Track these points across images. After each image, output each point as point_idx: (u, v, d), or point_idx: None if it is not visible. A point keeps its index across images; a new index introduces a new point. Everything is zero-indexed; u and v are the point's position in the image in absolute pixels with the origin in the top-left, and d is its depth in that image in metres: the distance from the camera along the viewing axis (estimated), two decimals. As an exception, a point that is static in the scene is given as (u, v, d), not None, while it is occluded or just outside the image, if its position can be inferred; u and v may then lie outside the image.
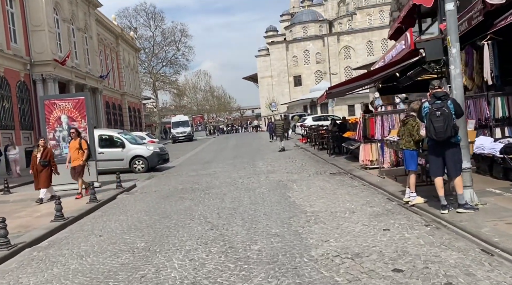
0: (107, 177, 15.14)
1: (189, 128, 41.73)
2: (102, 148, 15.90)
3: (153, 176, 14.94)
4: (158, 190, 11.06)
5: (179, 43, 68.21)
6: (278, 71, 78.73)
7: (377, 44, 73.07)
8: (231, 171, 13.62)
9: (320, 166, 12.80)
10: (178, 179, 13.00)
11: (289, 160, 15.50)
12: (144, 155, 16.03)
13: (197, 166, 16.58)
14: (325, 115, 30.29)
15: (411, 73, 13.74)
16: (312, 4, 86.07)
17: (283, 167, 13.44)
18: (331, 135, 14.73)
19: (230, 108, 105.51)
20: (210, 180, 11.86)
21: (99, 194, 10.54)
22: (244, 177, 11.68)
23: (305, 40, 77.09)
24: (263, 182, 10.39)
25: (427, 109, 5.57)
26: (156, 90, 68.09)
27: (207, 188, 10.32)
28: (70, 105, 12.18)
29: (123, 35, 43.30)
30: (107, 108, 36.09)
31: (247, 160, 16.88)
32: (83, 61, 29.52)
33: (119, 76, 41.80)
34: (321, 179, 10.17)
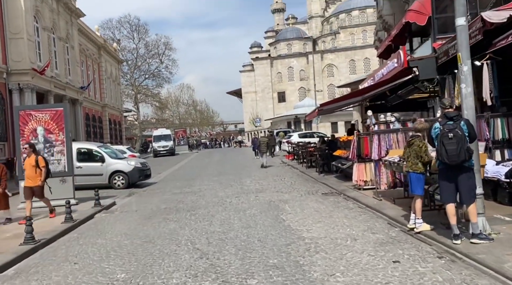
0: (84, 193, 14.29)
1: (171, 142, 40.86)
2: (80, 162, 15.08)
3: (133, 192, 14.17)
4: (140, 209, 10.35)
5: (163, 56, 67.68)
6: (262, 87, 78.86)
7: (360, 63, 74.25)
8: (218, 188, 13.00)
9: (311, 185, 12.32)
10: (161, 196, 12.29)
11: (278, 177, 14.99)
12: (125, 170, 15.25)
13: (181, 182, 15.88)
14: (311, 132, 30.04)
15: (402, 92, 13.55)
16: (296, 22, 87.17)
17: (272, 185, 12.91)
18: (320, 153, 14.32)
19: (213, 123, 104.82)
20: (196, 198, 11.21)
21: (75, 213, 9.77)
22: (232, 196, 11.08)
23: (290, 57, 77.69)
24: (253, 202, 9.82)
25: (438, 130, 5.18)
26: (137, 103, 66.99)
27: (193, 208, 9.67)
28: (47, 117, 11.42)
29: (105, 46, 42.51)
30: (87, 120, 35.02)
31: (233, 176, 16.28)
32: (63, 71, 28.59)
33: (101, 87, 40.83)
34: (313, 199, 9.68)
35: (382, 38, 31.43)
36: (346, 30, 75.21)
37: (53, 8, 27.45)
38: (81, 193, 14.25)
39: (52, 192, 11.27)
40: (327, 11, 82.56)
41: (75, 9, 31.13)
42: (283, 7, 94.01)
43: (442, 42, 11.08)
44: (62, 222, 8.89)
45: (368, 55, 73.57)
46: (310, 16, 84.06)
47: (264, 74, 78.63)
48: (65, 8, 29.49)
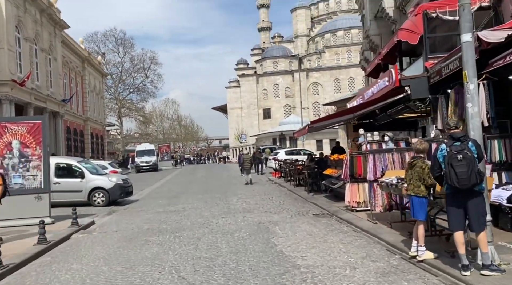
0: (62, 211, 13.55)
1: (154, 157, 40.01)
2: (59, 178, 14.35)
3: (114, 210, 13.48)
4: (120, 229, 9.71)
5: (148, 71, 67.24)
6: (248, 103, 78.84)
7: (344, 82, 75.10)
8: (203, 208, 12.45)
9: (300, 205, 11.89)
10: (143, 216, 11.66)
11: (265, 196, 14.53)
12: (105, 187, 14.56)
13: (164, 200, 15.25)
14: (297, 149, 29.77)
15: (392, 111, 13.38)
16: (282, 41, 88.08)
17: (260, 204, 12.43)
18: (309, 171, 13.95)
19: (197, 138, 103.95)
20: (180, 218, 10.63)
21: (50, 233, 9.08)
22: (218, 216, 10.55)
23: (275, 75, 78.12)
24: (241, 224, 9.31)
25: (444, 152, 4.86)
26: (121, 117, 66.05)
27: (177, 229, 9.10)
28: (24, 130, 10.77)
29: (90, 59, 41.83)
30: (68, 134, 34.04)
31: (219, 195, 15.74)
32: (44, 83, 27.79)
33: (83, 101, 39.96)
34: (305, 221, 9.23)
35: (368, 57, 31.74)
36: (331, 49, 76.27)
37: (37, 18, 26.83)
38: (58, 210, 13.51)
39: (26, 210, 10.59)
40: (313, 31, 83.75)
41: (59, 21, 30.54)
42: (269, 26, 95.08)
43: (434, 62, 10.98)
44: (35, 243, 8.22)
45: (352, 75, 74.61)
46: (296, 35, 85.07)
47: (250, 91, 78.76)
48: (48, 19, 28.88)
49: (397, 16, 21.64)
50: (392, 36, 14.74)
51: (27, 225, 10.38)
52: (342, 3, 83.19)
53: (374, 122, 15.05)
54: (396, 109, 12.79)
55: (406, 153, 8.45)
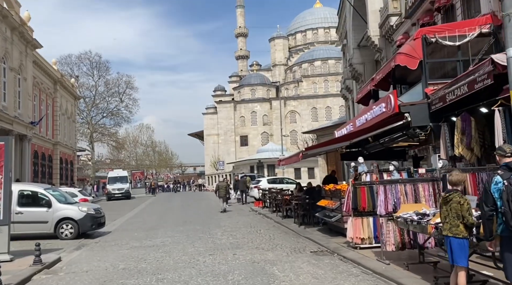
0: (23, 244, 12.01)
1: (127, 184, 38.15)
2: (22, 207, 12.85)
3: (84, 244, 12.05)
4: (91, 269, 8.38)
5: (123, 95, 65.60)
6: (225, 129, 78.05)
7: (321, 111, 75.73)
8: (185, 242, 11.22)
9: (294, 240, 10.86)
10: (117, 251, 10.32)
11: (252, 229, 13.42)
12: (75, 218, 13.11)
13: (140, 232, 13.88)
14: (280, 177, 28.89)
15: (385, 139, 12.78)
16: (260, 69, 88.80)
17: (248, 239, 11.32)
18: (300, 202, 13.02)
19: (171, 165, 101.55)
20: (161, 256, 9.39)
21: (7, 275, 7.68)
22: (205, 253, 9.38)
23: (253, 102, 78.10)
24: (232, 263, 8.19)
25: (501, 185, 4.07)
26: (93, 142, 63.61)
27: (158, 270, 7.88)
28: (-17, 152, 9.44)
29: (62, 81, 40.19)
30: (35, 159, 31.97)
31: (201, 227, 14.51)
32: (12, 104, 26.07)
33: (53, 124, 38.02)
34: (305, 260, 8.21)
35: (350, 86, 31.79)
36: (309, 79, 77.22)
37: (7, 36, 25.41)
38: (20, 244, 11.97)
39: (-20, 246, 9.12)
40: (290, 60, 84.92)
41: (31, 40, 29.15)
42: (247, 55, 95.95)
43: (435, 88, 10.50)
44: (-14, 289, 6.83)
45: (329, 104, 75.45)
46: (273, 64, 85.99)
47: (227, 118, 78.20)
48: (20, 37, 27.48)
49: (383, 45, 21.64)
50: (386, 62, 14.37)
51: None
52: (319, 34, 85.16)
53: (363, 150, 14.44)
54: (391, 137, 12.20)
55: (420, 184, 7.68)
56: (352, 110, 32.39)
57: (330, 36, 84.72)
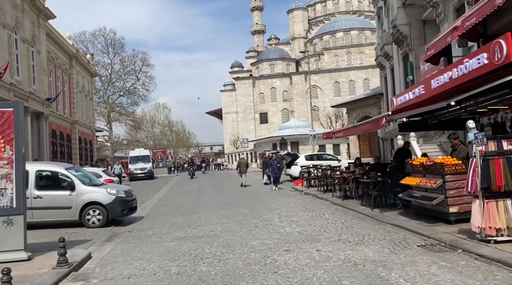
0: (43, 234, 10.08)
1: (149, 164, 36.37)
2: (41, 190, 10.86)
3: (115, 234, 10.04)
4: (134, 273, 6.28)
5: (139, 73, 63.48)
6: (244, 107, 75.61)
7: (344, 85, 72.49)
8: (240, 231, 9.07)
9: (380, 229, 8.58)
10: (161, 245, 8.23)
11: (313, 213, 11.19)
12: (103, 202, 11.07)
13: (178, 218, 11.83)
14: (317, 154, 26.55)
15: (472, 102, 10.24)
16: (279, 43, 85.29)
17: (318, 226, 9.10)
18: (373, 180, 10.66)
19: (189, 144, 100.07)
20: (220, 252, 7.23)
21: (24, 283, 5.65)
22: (277, 248, 7.18)
23: (272, 78, 75.17)
24: (326, 266, 5.96)
25: None
26: (110, 122, 62.03)
27: (228, 277, 5.71)
28: (-13, 122, 7.32)
29: (78, 57, 38.10)
30: (53, 138, 30.26)
31: (248, 210, 12.37)
32: (26, 79, 24.10)
33: (71, 102, 36.16)
34: (427, 261, 5.93)
35: (389, 52, 28.83)
36: (330, 51, 73.75)
37: (17, 4, 23.22)
38: (40, 233, 10.03)
39: (-12, 242, 7.13)
40: (310, 33, 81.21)
41: (43, 9, 26.91)
42: (263, 29, 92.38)
43: None
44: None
45: (352, 78, 72.12)
46: (292, 37, 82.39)
47: (246, 94, 75.64)
48: (31, 6, 25.26)
49: (441, -3, 18.70)
50: (483, 2, 11.66)
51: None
52: (340, 4, 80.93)
53: (426, 120, 11.98)
54: (486, 98, 9.68)
55: None
56: (391, 80, 29.53)
57: (351, 6, 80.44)
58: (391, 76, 29.47)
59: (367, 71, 70.58)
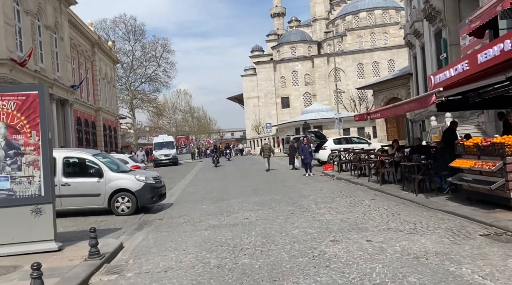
0: (72, 222, 9.82)
1: (174, 150, 36.26)
2: (69, 177, 10.59)
3: (145, 222, 9.69)
4: (171, 266, 5.82)
5: (160, 59, 63.34)
6: (265, 91, 74.69)
7: (368, 67, 70.50)
8: (277, 219, 8.54)
9: (430, 216, 7.87)
10: (194, 234, 7.78)
11: (351, 199, 10.54)
12: (132, 189, 10.72)
13: (208, 205, 11.39)
14: (346, 137, 25.70)
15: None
16: (300, 25, 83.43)
17: (360, 214, 8.46)
18: (417, 163, 9.89)
19: (210, 130, 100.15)
20: (260, 242, 6.70)
21: (54, 276, 5.28)
22: (321, 238, 6.60)
23: (294, 61, 73.74)
24: (383, 259, 5.34)
25: None
26: (133, 109, 62.38)
27: (274, 271, 5.18)
28: (12, 106, 6.93)
29: (100, 44, 38.02)
30: (78, 125, 30.40)
31: (280, 196, 11.82)
32: (50, 66, 24.03)
33: (94, 89, 36.24)
34: (499, 253, 5.24)
35: (419, 30, 27.42)
36: (353, 32, 71.62)
37: (39, -11, 23.01)
38: (68, 221, 9.77)
39: (17, 231, 6.82)
40: (332, 14, 79.05)
41: (65, -5, 26.70)
42: (283, 11, 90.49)
43: None
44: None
45: (377, 59, 70.05)
46: (314, 19, 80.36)
47: (267, 79, 74.61)
48: (53, -9, 25.05)
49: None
50: None
51: (17, 253, 6.62)
52: (363, -18, 78.06)
53: (467, 99, 11.02)
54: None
55: None
56: (421, 59, 28.17)
57: (375, -15, 77.58)
58: (421, 55, 28.10)
59: (392, 51, 68.40)
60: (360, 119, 16.24)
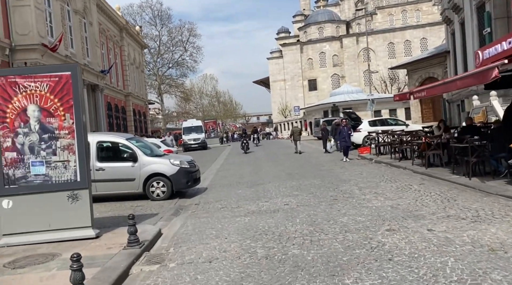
0: (108, 207, 9.64)
1: (202, 134, 36.17)
2: (103, 162, 10.40)
3: (182, 207, 9.40)
4: (215, 256, 5.44)
5: (187, 43, 63.12)
6: (291, 74, 73.41)
7: (399, 46, 67.98)
8: (319, 205, 8.02)
9: (492, 201, 7.16)
10: (234, 220, 7.38)
11: (397, 184, 9.88)
12: (167, 173, 10.43)
13: (244, 189, 11.00)
14: (381, 118, 24.71)
15: None
16: (327, 4, 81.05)
17: (411, 200, 7.83)
18: (469, 145, 9.10)
19: (236, 115, 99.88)
20: (307, 230, 6.23)
21: (93, 266, 4.99)
22: (375, 227, 6.06)
23: (321, 42, 71.89)
24: (448, 249, 4.74)
25: None
26: (161, 94, 62.75)
27: (330, 264, 4.70)
28: (45, 88, 6.63)
29: (128, 28, 37.96)
30: (109, 111, 30.60)
31: (318, 181, 11.27)
32: (80, 51, 24.06)
33: (123, 74, 36.35)
34: None
35: (459, 3, 25.77)
36: (384, 10, 68.94)
37: (67, -26, 22.87)
38: (103, 207, 9.61)
39: (54, 218, 6.61)
40: (361, -9, 76.16)
41: (92, -21, 26.52)
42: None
43: None
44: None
45: (408, 38, 67.37)
46: (342, -3, 77.77)
47: (293, 61, 73.21)
48: (81, -25, 24.89)
49: None
50: None
51: (55, 240, 6.42)
52: (394, -43, 74.63)
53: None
54: None
55: None
56: (460, 35, 26.52)
57: (406, -40, 74.02)
58: (461, 31, 26.46)
59: (425, 29, 65.58)
60: (401, 99, 15.37)
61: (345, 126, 15.26)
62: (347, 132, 15.26)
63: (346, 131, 15.21)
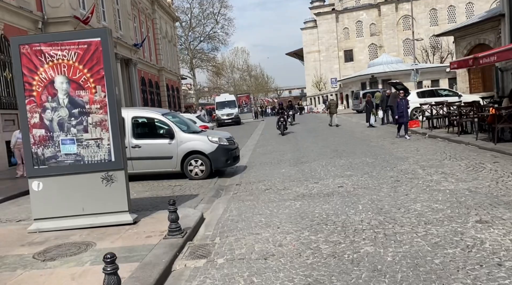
0: (145, 187, 9.06)
1: (236, 109, 35.35)
2: (138, 139, 9.78)
3: (222, 188, 8.69)
4: (270, 251, 4.62)
5: (218, 15, 61.64)
6: (326, 45, 70.69)
7: (442, 12, 63.69)
8: (379, 187, 7.04)
9: None
10: (283, 205, 6.53)
11: (462, 161, 8.68)
12: (205, 151, 9.69)
13: (288, 168, 10.11)
14: (430, 89, 22.93)
15: None
16: (364, -30, 76.57)
17: (488, 180, 6.70)
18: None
19: (267, 89, 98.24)
20: (376, 220, 5.29)
21: (131, 259, 4.30)
22: (457, 216, 5.05)
23: (358, 10, 68.45)
24: None
25: None
26: (193, 68, 62.11)
27: (419, 266, 3.77)
28: (73, 56, 5.88)
29: (159, 0, 37.05)
30: (143, 86, 30.22)
31: (370, 159, 10.21)
32: (113, 23, 23.47)
33: (156, 48, 35.75)
34: None
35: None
36: (427, -27, 64.26)
37: None
38: (140, 186, 9.03)
39: (87, 201, 6.00)
40: (401, -46, 71.25)
41: (122, -52, 25.58)
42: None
43: None
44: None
45: (452, 3, 62.83)
46: (380, -39, 73.08)
47: (328, 31, 70.32)
48: None
49: None
50: None
51: (89, 226, 5.82)
52: None
53: None
54: None
55: None
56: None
57: None
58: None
59: (472, -8, 60.96)
60: (460, 66, 13.83)
61: (402, 98, 13.74)
62: (406, 105, 13.68)
63: (405, 104, 13.65)
